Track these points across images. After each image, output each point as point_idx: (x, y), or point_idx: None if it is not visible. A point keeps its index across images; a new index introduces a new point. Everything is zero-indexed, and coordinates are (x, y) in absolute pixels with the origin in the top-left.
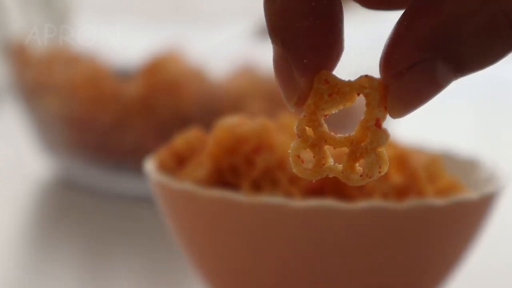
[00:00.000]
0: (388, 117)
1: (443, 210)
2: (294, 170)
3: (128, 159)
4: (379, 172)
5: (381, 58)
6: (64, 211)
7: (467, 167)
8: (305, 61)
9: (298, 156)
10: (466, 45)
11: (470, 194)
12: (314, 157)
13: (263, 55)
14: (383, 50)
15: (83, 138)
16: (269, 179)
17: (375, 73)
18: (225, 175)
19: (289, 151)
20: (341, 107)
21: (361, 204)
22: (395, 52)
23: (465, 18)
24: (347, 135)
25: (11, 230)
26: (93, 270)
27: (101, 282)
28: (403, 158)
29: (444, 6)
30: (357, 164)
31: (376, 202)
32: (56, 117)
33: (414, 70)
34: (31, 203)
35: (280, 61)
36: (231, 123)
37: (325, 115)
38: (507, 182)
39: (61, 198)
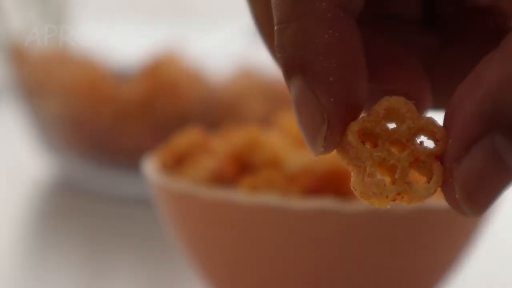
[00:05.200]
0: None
1: (442, 212)
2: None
3: (127, 160)
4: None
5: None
6: (63, 212)
7: None
8: (331, 79)
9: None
10: None
11: None
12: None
13: (262, 54)
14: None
15: (82, 139)
16: (267, 179)
17: None
18: (225, 176)
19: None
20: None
21: (360, 206)
22: (449, 136)
23: (509, 80)
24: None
25: (10, 231)
26: (92, 272)
27: (100, 284)
28: None
29: (485, 75)
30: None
31: None
32: (56, 117)
33: (473, 150)
34: (29, 204)
35: (301, 97)
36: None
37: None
38: None
39: (60, 199)
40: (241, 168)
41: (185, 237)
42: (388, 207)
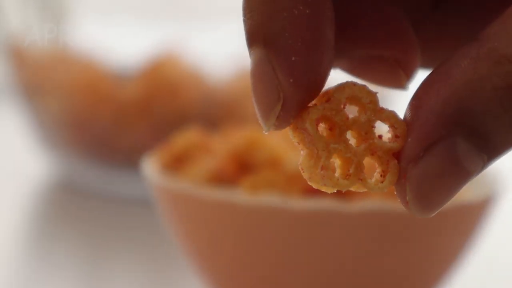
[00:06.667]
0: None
1: (442, 212)
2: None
3: (127, 160)
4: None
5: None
6: (63, 212)
7: None
8: (293, 58)
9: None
10: (485, 115)
11: (470, 197)
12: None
13: None
14: None
15: (82, 139)
16: (267, 179)
17: None
18: (225, 176)
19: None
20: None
21: (360, 206)
22: (409, 134)
23: (478, 83)
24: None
25: (9, 230)
26: (92, 272)
27: (100, 283)
28: None
29: (454, 73)
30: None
31: (375, 204)
32: (55, 117)
33: (433, 152)
34: (29, 203)
35: (260, 70)
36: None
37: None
38: (507, 185)
39: (60, 199)
40: (241, 168)
41: (184, 237)
42: (335, 191)
